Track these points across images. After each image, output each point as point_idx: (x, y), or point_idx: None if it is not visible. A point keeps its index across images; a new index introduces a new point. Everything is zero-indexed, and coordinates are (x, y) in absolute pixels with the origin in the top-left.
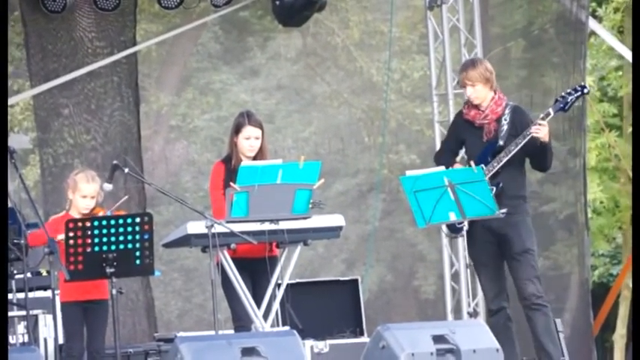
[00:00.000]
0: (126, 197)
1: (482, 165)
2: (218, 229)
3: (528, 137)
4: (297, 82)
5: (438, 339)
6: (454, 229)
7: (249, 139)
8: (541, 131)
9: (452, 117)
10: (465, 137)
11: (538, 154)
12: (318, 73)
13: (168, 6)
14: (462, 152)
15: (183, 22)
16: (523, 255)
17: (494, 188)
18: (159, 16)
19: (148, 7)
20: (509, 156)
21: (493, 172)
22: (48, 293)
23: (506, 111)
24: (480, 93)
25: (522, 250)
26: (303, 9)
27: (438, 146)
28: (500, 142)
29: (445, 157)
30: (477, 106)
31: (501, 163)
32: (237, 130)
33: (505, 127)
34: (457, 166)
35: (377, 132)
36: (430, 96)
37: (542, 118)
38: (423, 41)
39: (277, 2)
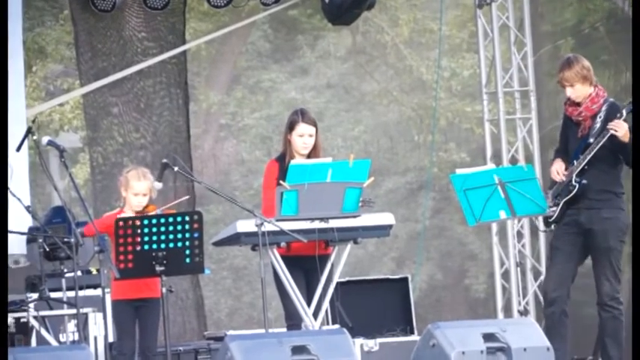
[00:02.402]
0: (187, 197)
1: (574, 162)
2: (268, 227)
3: (607, 135)
4: (346, 81)
5: (488, 337)
6: (547, 223)
7: (302, 137)
8: (620, 129)
9: (502, 115)
10: (568, 133)
11: (620, 152)
12: (368, 72)
13: (217, 4)
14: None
15: (233, 21)
16: (604, 252)
17: (577, 186)
18: (208, 14)
19: (197, 6)
20: (592, 153)
21: (579, 169)
22: (98, 291)
23: (603, 108)
24: (579, 92)
25: (604, 247)
26: (352, 7)
27: (488, 144)
28: (591, 140)
29: (558, 153)
30: (575, 102)
31: (585, 161)
32: (290, 127)
33: (598, 125)
34: (557, 163)
35: (427, 130)
36: (480, 94)
37: (619, 117)
38: (473, 39)
39: (327, 0)
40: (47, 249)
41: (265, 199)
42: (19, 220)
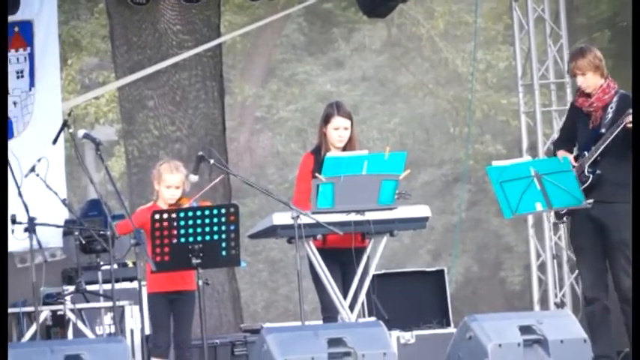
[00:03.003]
0: (221, 177)
1: (585, 152)
2: (304, 219)
3: (621, 126)
4: (381, 73)
5: (525, 329)
6: (559, 216)
7: (338, 130)
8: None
9: (537, 107)
10: (577, 124)
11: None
12: (403, 64)
13: None
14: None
15: (268, 14)
16: (618, 247)
17: (591, 176)
18: (243, 7)
19: None
20: (605, 144)
21: (592, 160)
22: (134, 284)
23: (615, 99)
24: (590, 81)
25: (619, 241)
26: (387, 0)
27: (524, 137)
28: (603, 130)
29: (559, 144)
30: (586, 94)
31: (598, 151)
32: (326, 120)
33: (610, 115)
34: (563, 154)
35: (462, 122)
36: (516, 86)
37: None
38: (508, 32)
39: None
40: (83, 242)
41: (297, 192)
42: (55, 213)
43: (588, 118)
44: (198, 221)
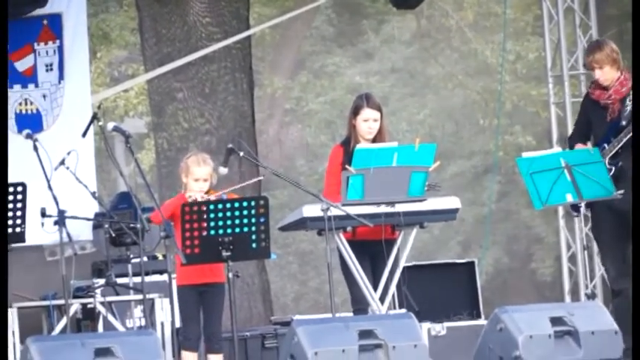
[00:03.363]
0: (260, 178)
1: (605, 145)
2: (334, 212)
3: None
4: (411, 65)
5: (555, 321)
6: (575, 208)
7: (367, 122)
8: None
9: (567, 98)
10: (591, 117)
11: None
12: (433, 56)
13: None
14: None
15: (297, 6)
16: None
17: (613, 168)
18: None
19: None
20: (628, 136)
21: (613, 152)
22: (164, 277)
23: (632, 91)
24: (608, 75)
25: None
26: None
27: (554, 127)
28: (623, 123)
29: (576, 139)
30: (601, 86)
31: (621, 144)
32: (355, 112)
33: (629, 108)
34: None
35: (492, 114)
36: (545, 77)
37: None
38: (538, 22)
39: None
40: (113, 235)
41: (328, 184)
42: (85, 206)
43: (605, 110)
44: (228, 213)
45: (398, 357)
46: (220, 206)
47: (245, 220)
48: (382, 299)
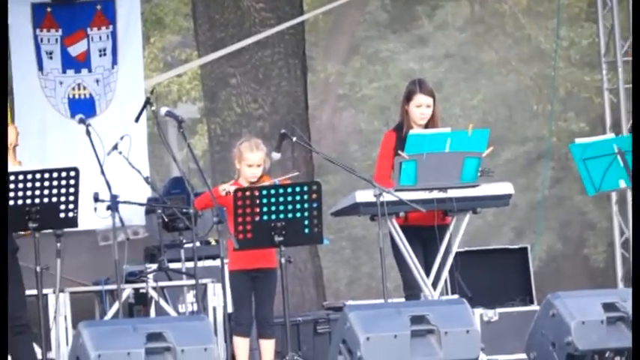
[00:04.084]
0: (296, 173)
1: None
2: (387, 197)
3: None
4: (465, 51)
5: (608, 307)
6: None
7: (420, 107)
8: None
9: (621, 84)
10: None
11: None
12: (486, 41)
13: None
14: None
15: None
16: None
17: None
18: None
19: None
20: None
21: None
22: (217, 262)
23: None
24: None
25: None
26: None
27: (607, 114)
28: None
29: None
30: None
31: None
32: (408, 98)
33: None
34: None
35: (545, 100)
36: (599, 63)
37: None
38: (592, 8)
39: None
40: (166, 220)
41: (379, 168)
42: (138, 191)
43: None
44: (281, 199)
45: (450, 343)
46: (273, 191)
47: (298, 206)
48: (435, 285)
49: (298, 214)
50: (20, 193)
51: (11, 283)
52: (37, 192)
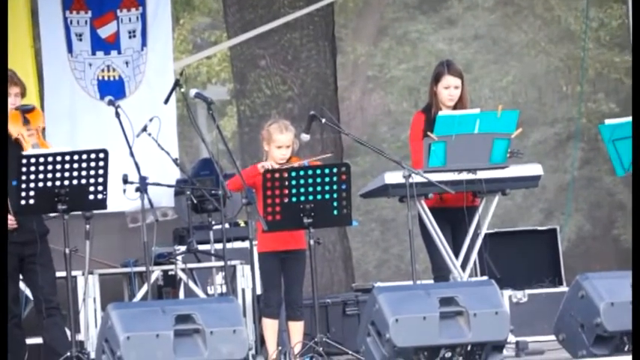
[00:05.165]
0: (329, 155)
1: None
2: (416, 178)
3: None
4: (494, 32)
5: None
6: None
7: (448, 89)
8: None
9: None
10: None
11: None
12: (516, 22)
13: None
14: None
15: None
16: None
17: None
18: None
19: None
20: None
21: None
22: (246, 244)
23: None
24: None
25: None
26: None
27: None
28: None
29: None
30: None
31: None
32: (436, 79)
33: None
34: None
35: (575, 81)
36: (629, 44)
37: None
38: None
39: None
40: (195, 201)
41: (414, 151)
42: (167, 172)
43: None
44: (310, 180)
45: (479, 324)
46: (302, 173)
47: (327, 187)
48: (463, 266)
49: (327, 196)
50: (49, 175)
51: (42, 266)
52: (67, 174)
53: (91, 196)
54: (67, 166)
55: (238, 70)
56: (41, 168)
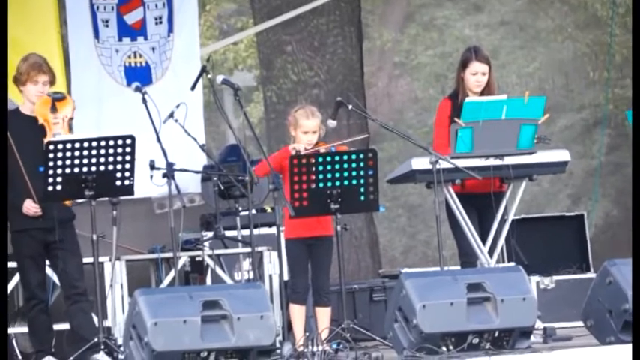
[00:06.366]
0: (366, 135)
1: None
2: (442, 164)
3: None
4: (520, 18)
5: None
6: None
7: (475, 75)
8: None
9: None
10: None
11: None
12: (542, 8)
13: None
14: None
15: None
16: None
17: None
18: None
19: None
20: None
21: None
22: (273, 230)
23: None
24: None
25: None
26: None
27: None
28: None
29: None
30: None
31: None
32: (463, 65)
33: None
34: None
35: (602, 67)
36: None
37: None
38: None
39: None
40: (222, 187)
41: (437, 137)
42: (194, 159)
43: None
44: (337, 166)
45: (506, 310)
46: (329, 159)
47: (354, 173)
48: (491, 252)
49: (354, 182)
50: (77, 162)
51: (68, 252)
52: (94, 160)
53: (119, 182)
54: (94, 152)
55: (265, 57)
56: (68, 154)
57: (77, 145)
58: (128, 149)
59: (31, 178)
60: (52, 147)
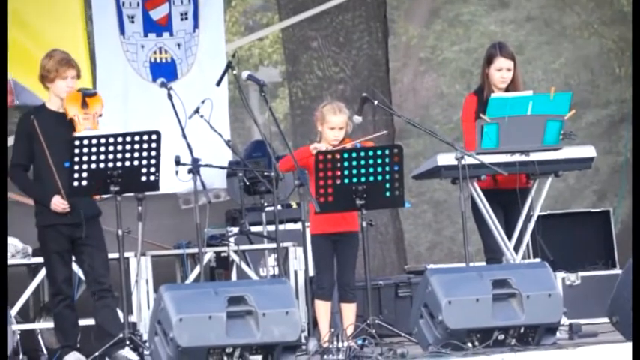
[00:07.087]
0: (384, 132)
1: None
2: (468, 160)
3: None
4: (546, 13)
5: None
6: None
7: (500, 71)
8: None
9: None
10: None
11: None
12: (568, 4)
13: None
14: None
15: None
16: None
17: None
18: None
19: None
20: None
21: None
22: (298, 225)
23: None
24: None
25: None
26: None
27: None
28: None
29: None
30: None
31: None
32: (488, 61)
33: None
34: None
35: (628, 63)
36: None
37: None
38: None
39: None
40: (247, 183)
41: (466, 133)
42: (219, 154)
43: None
44: (362, 162)
45: (532, 306)
46: (354, 155)
47: (379, 169)
48: (516, 248)
49: (380, 178)
50: (102, 157)
51: (93, 247)
52: (119, 155)
53: (144, 178)
54: (119, 147)
55: (290, 52)
56: (94, 150)
57: (103, 140)
58: (154, 145)
59: (59, 174)
60: (77, 142)
